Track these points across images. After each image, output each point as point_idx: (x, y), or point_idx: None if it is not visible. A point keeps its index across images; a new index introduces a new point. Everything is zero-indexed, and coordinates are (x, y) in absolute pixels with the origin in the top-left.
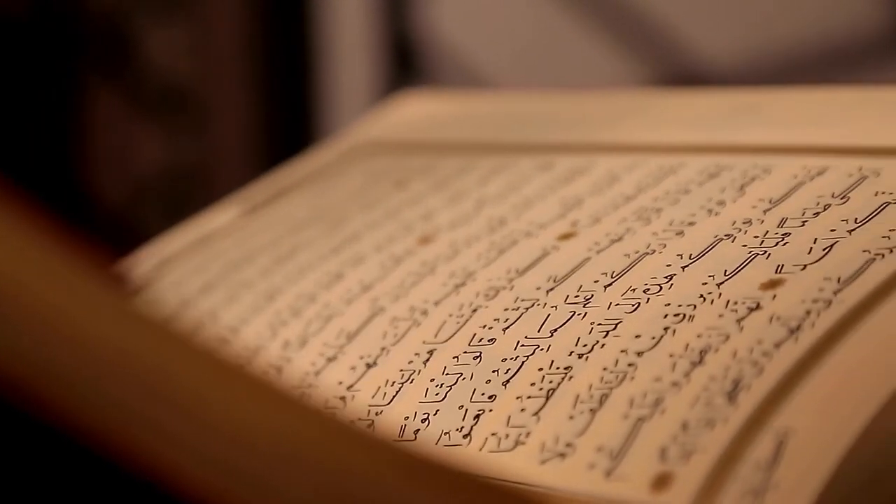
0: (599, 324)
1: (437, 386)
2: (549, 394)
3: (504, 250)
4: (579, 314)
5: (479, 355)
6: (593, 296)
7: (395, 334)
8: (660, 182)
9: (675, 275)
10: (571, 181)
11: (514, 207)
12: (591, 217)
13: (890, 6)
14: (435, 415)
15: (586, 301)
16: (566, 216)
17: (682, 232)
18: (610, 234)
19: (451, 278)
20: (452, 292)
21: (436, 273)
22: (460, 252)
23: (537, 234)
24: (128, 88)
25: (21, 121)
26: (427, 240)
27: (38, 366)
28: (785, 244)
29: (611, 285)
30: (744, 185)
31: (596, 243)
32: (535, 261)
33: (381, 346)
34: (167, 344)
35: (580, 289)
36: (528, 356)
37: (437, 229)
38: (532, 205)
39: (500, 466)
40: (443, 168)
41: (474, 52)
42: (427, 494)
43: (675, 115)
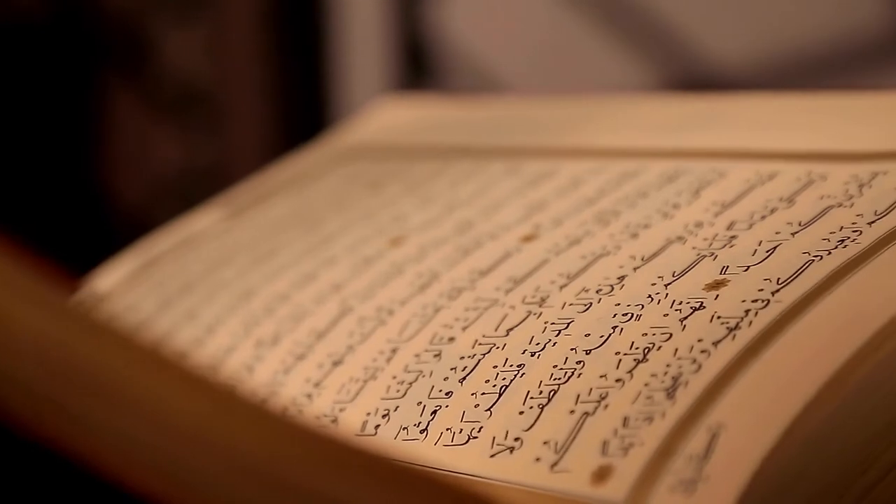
0: (553, 323)
1: (399, 383)
2: (502, 390)
3: (469, 252)
4: (535, 314)
5: (438, 353)
6: (549, 296)
7: (361, 333)
8: (621, 186)
9: (626, 276)
10: (538, 185)
11: (481, 210)
12: (554, 220)
13: None
14: (395, 411)
15: (542, 301)
16: (530, 219)
17: (636, 234)
18: (569, 237)
19: (417, 279)
20: (418, 293)
21: (404, 274)
22: (428, 253)
23: (501, 237)
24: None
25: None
26: (398, 241)
27: None
28: (732, 246)
29: (566, 286)
30: (699, 189)
31: (555, 245)
32: (498, 262)
33: (348, 345)
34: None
35: (537, 289)
36: (484, 354)
37: (407, 231)
38: (499, 208)
39: (453, 460)
40: (416, 172)
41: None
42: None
43: (642, 120)
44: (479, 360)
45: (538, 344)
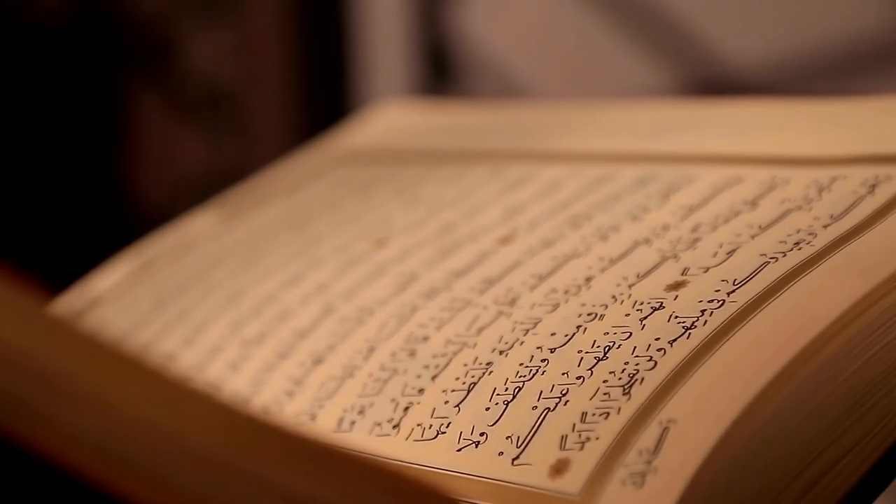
0: (521, 323)
1: (375, 381)
2: (471, 387)
3: (448, 253)
4: (506, 314)
5: (413, 352)
6: (520, 297)
7: (342, 333)
8: (596, 190)
9: (593, 277)
10: (518, 188)
11: (463, 213)
12: (530, 223)
13: None
14: (371, 407)
15: (513, 302)
16: (508, 221)
17: (606, 237)
18: (543, 239)
19: (398, 279)
20: (398, 293)
21: (386, 274)
22: (410, 255)
23: (480, 239)
24: (170, 92)
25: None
26: (382, 243)
27: None
28: (695, 248)
29: (536, 287)
30: (669, 193)
31: (530, 247)
32: (474, 264)
33: (329, 344)
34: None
35: (509, 290)
36: (455, 353)
37: (392, 233)
38: (480, 211)
39: (422, 455)
40: (405, 175)
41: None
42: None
43: (624, 125)
44: (451, 359)
45: (507, 343)
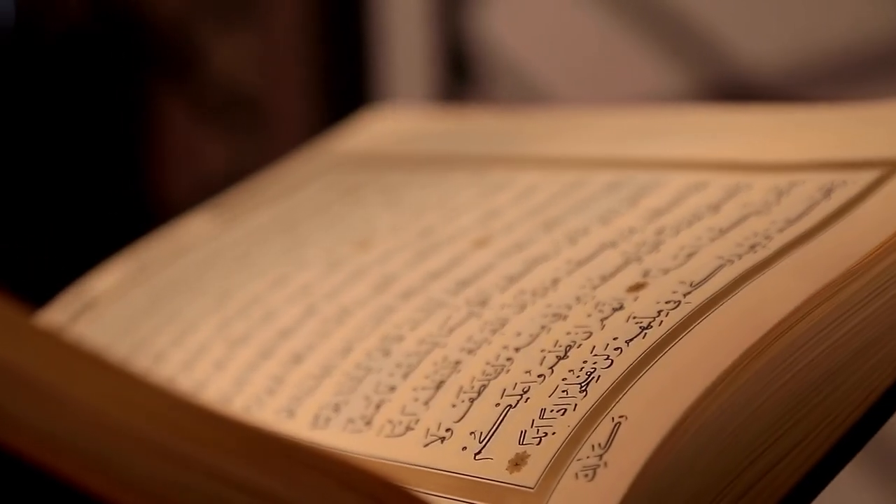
0: (490, 322)
1: (350, 379)
2: (439, 385)
3: (426, 255)
4: (476, 314)
5: (388, 351)
6: (490, 298)
7: (322, 332)
8: (569, 194)
9: (560, 279)
10: (497, 192)
11: (443, 216)
12: (506, 226)
13: None
14: (346, 404)
15: (483, 303)
16: (485, 225)
17: (575, 240)
18: (516, 242)
19: (378, 281)
20: (376, 294)
21: (367, 276)
22: (391, 257)
23: (457, 242)
24: (193, 95)
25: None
26: (365, 245)
27: None
28: (658, 251)
29: (507, 288)
30: (638, 198)
31: (503, 250)
32: (450, 266)
33: (309, 344)
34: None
35: (481, 292)
36: (427, 352)
37: (375, 235)
38: (459, 214)
39: (392, 450)
40: (391, 179)
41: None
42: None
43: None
44: (422, 358)
45: (475, 342)
